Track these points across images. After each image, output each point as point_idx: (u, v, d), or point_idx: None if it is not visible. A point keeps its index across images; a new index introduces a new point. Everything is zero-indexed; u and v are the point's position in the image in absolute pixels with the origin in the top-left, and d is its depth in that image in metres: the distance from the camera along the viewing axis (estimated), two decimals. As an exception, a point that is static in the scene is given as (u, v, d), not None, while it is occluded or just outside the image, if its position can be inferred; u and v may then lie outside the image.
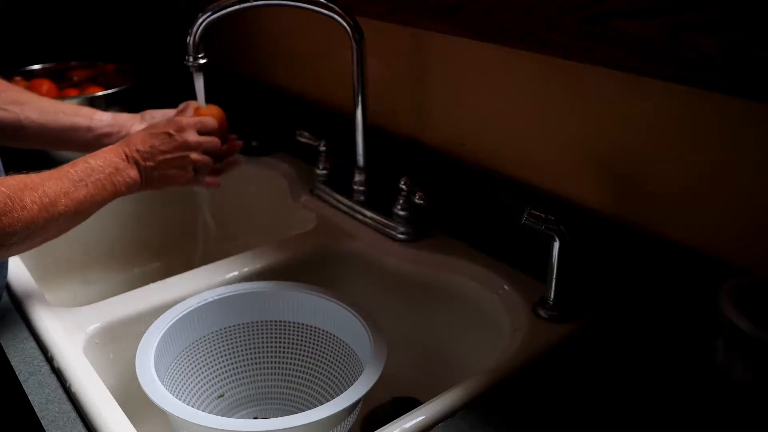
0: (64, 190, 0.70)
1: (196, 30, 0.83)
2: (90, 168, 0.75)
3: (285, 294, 0.79)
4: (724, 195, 0.66)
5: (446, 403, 0.62)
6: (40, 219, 0.67)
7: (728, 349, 0.57)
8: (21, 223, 0.65)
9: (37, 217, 0.66)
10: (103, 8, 1.54)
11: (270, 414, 0.81)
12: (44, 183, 0.69)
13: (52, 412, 0.61)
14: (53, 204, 0.68)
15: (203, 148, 0.88)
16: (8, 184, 0.65)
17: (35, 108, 0.90)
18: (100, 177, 0.75)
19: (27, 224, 0.65)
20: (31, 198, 0.66)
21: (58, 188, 0.69)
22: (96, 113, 0.93)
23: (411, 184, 0.87)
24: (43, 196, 0.67)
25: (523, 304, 0.76)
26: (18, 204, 0.64)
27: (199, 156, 0.87)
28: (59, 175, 0.71)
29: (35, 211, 0.66)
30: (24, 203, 0.65)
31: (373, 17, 0.95)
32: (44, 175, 0.70)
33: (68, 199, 0.70)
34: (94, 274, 1.10)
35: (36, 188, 0.67)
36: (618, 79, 0.70)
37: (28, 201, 0.65)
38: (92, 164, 0.75)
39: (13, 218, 0.64)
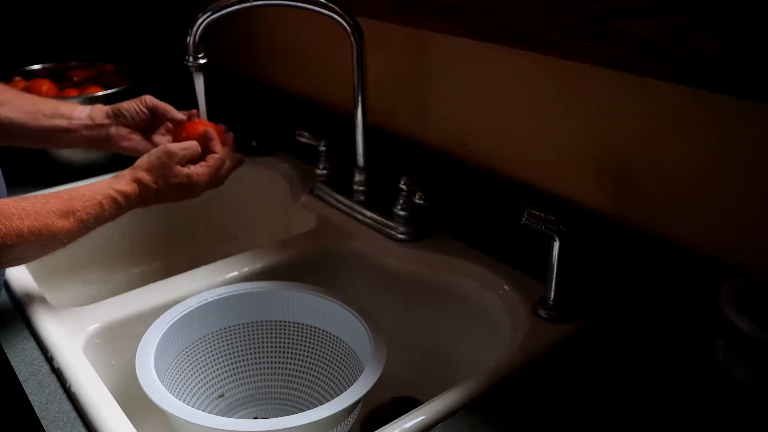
0: (67, 230, 0.69)
1: (196, 30, 0.83)
2: (100, 213, 0.73)
3: (285, 294, 0.79)
4: (724, 195, 0.66)
5: (446, 403, 0.62)
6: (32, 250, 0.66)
7: (728, 349, 0.57)
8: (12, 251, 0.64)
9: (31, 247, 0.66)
10: (103, 8, 1.53)
11: (270, 414, 0.81)
12: (48, 216, 0.67)
13: (52, 412, 0.61)
14: (52, 240, 0.68)
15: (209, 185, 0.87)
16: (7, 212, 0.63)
17: (14, 107, 0.88)
18: (103, 221, 0.75)
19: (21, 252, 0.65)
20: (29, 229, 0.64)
21: (61, 227, 0.68)
22: (74, 111, 0.91)
23: (411, 184, 0.87)
24: (43, 230, 0.66)
25: (523, 304, 0.76)
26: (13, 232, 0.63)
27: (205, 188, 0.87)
28: (67, 211, 0.69)
29: (31, 241, 0.65)
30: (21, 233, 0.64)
31: (373, 17, 0.95)
32: (51, 207, 0.68)
33: (69, 236, 0.70)
34: (94, 274, 1.10)
35: (38, 219, 0.66)
36: (618, 79, 0.70)
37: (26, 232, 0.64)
38: (105, 209, 0.74)
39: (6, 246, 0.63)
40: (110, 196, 0.75)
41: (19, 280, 0.81)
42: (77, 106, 0.92)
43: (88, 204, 0.71)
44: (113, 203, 0.75)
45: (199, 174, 0.84)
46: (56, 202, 0.69)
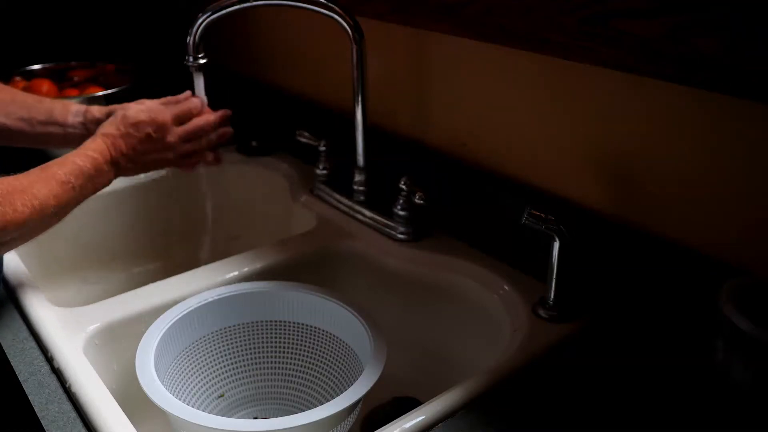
0: (53, 193, 0.71)
1: (196, 30, 0.83)
2: (78, 170, 0.76)
3: (285, 294, 0.79)
4: (725, 195, 0.66)
5: (446, 403, 0.62)
6: (31, 221, 0.69)
7: (728, 349, 0.57)
8: (13, 226, 0.67)
9: (29, 220, 0.68)
10: (103, 8, 1.53)
11: (270, 414, 0.81)
12: (33, 186, 0.70)
13: (52, 412, 0.61)
14: (43, 207, 0.70)
15: (185, 139, 0.89)
16: None
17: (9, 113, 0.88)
18: (85, 181, 0.76)
19: (18, 226, 0.67)
20: (21, 202, 0.67)
21: (47, 191, 0.71)
22: (68, 117, 0.90)
23: (411, 184, 0.87)
24: (33, 199, 0.69)
25: (523, 304, 0.76)
26: (9, 208, 0.66)
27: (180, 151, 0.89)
28: (47, 177, 0.72)
29: (26, 214, 0.68)
30: (15, 207, 0.67)
31: (373, 17, 0.95)
32: (33, 178, 0.71)
33: (56, 200, 0.72)
34: (94, 274, 1.10)
35: (26, 191, 0.68)
36: (618, 79, 0.70)
37: (19, 205, 0.67)
38: (80, 165, 0.76)
39: (6, 221, 0.66)
40: (82, 153, 0.78)
41: (19, 280, 0.81)
42: (71, 109, 0.90)
43: (63, 166, 0.74)
44: (87, 159, 0.77)
45: (162, 113, 0.86)
46: (34, 173, 0.72)
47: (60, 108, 0.90)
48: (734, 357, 0.56)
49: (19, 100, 0.90)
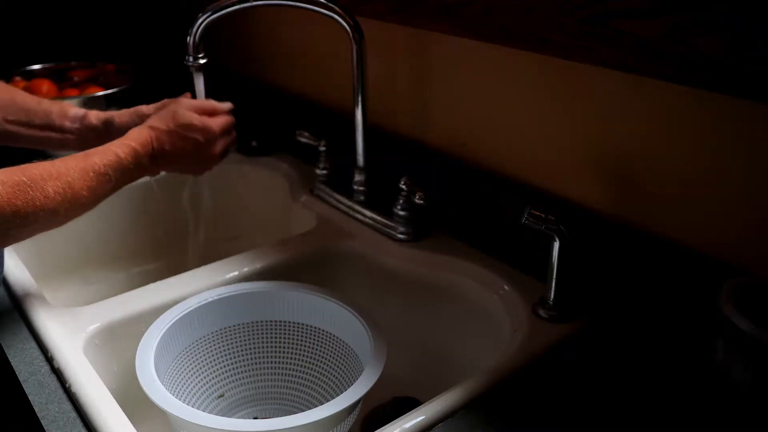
0: (88, 184, 0.70)
1: (196, 30, 0.83)
2: (118, 163, 0.74)
3: (285, 294, 0.79)
4: (725, 195, 0.66)
5: (446, 403, 0.62)
6: (62, 209, 0.67)
7: (728, 349, 0.57)
8: (42, 212, 0.65)
9: (59, 208, 0.67)
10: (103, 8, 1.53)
11: (270, 414, 0.81)
12: (69, 173, 0.68)
13: (52, 412, 0.61)
14: (76, 196, 0.69)
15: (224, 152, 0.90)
16: (30, 173, 0.65)
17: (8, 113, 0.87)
18: (123, 174, 0.75)
19: (48, 213, 0.66)
20: (54, 189, 0.66)
21: (82, 181, 0.69)
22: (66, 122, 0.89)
23: (411, 184, 0.87)
24: (66, 187, 0.67)
25: (523, 304, 0.76)
26: (40, 193, 0.65)
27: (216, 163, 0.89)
28: (86, 166, 0.71)
29: (57, 201, 0.66)
30: (46, 193, 0.65)
31: (373, 17, 0.95)
32: (70, 164, 0.69)
33: (91, 192, 0.70)
34: (94, 274, 1.10)
35: (60, 178, 0.67)
36: (618, 79, 0.70)
37: (51, 191, 0.66)
38: (121, 158, 0.74)
39: (35, 206, 0.64)
40: (126, 144, 0.76)
41: (19, 279, 0.81)
42: (69, 113, 0.89)
43: (104, 156, 0.73)
44: (130, 151, 0.75)
45: (211, 123, 0.85)
46: (74, 159, 0.70)
47: (58, 111, 0.89)
48: (734, 357, 0.56)
49: (19, 102, 0.89)
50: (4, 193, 0.62)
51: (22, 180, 0.64)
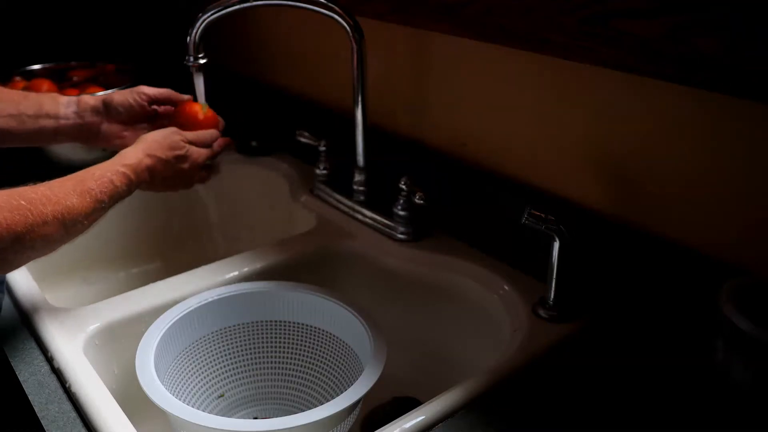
0: (86, 210, 0.68)
1: (196, 30, 0.83)
2: (113, 190, 0.73)
3: (285, 294, 0.79)
4: (724, 195, 0.66)
5: (446, 403, 0.62)
6: (58, 234, 0.66)
7: (728, 349, 0.57)
8: (40, 240, 0.63)
9: (56, 234, 0.65)
10: (103, 8, 1.53)
11: (270, 414, 0.81)
12: (68, 198, 0.67)
13: (52, 412, 0.61)
14: (75, 222, 0.67)
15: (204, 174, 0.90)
16: (29, 197, 0.63)
17: None
18: (116, 199, 0.74)
19: (46, 239, 0.64)
20: (53, 215, 0.64)
21: (80, 207, 0.68)
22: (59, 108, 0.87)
23: (411, 184, 0.87)
24: (65, 212, 0.66)
25: (523, 304, 0.76)
26: (39, 218, 0.63)
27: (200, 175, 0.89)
28: (82, 191, 0.69)
29: (55, 227, 0.65)
30: (45, 219, 0.63)
31: (373, 17, 0.95)
32: (68, 189, 0.67)
33: (87, 218, 0.69)
34: (94, 274, 1.10)
35: (59, 203, 0.65)
36: (618, 79, 0.70)
37: (50, 217, 0.64)
38: (116, 186, 0.73)
39: (35, 233, 0.62)
40: (120, 172, 0.74)
41: (19, 280, 0.81)
42: (60, 99, 0.87)
43: (100, 182, 0.71)
44: (124, 179, 0.75)
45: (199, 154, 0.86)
46: (71, 184, 0.69)
47: (49, 100, 0.87)
48: (734, 357, 0.56)
49: (5, 97, 0.86)
50: (2, 218, 0.60)
51: (21, 204, 0.62)
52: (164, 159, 0.81)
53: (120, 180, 0.74)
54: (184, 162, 0.84)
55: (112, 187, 0.73)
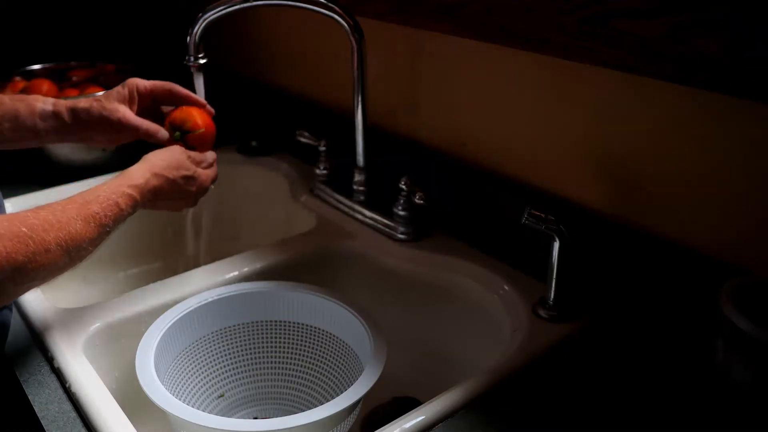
0: (90, 236, 0.64)
1: (196, 30, 0.83)
2: (119, 213, 0.69)
3: (285, 294, 0.79)
4: (724, 195, 0.66)
5: (446, 403, 0.62)
6: (62, 263, 0.62)
7: (728, 349, 0.57)
8: (43, 270, 0.60)
9: (60, 261, 0.61)
10: (103, 8, 1.53)
11: (270, 414, 0.81)
12: (71, 224, 0.63)
13: (52, 412, 0.61)
14: (79, 249, 0.63)
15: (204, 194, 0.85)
16: (30, 223, 0.59)
17: None
18: (121, 221, 0.70)
19: (48, 269, 0.61)
20: (56, 242, 0.60)
21: (84, 233, 0.64)
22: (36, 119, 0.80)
23: (411, 184, 0.87)
24: (69, 240, 0.62)
25: (523, 304, 0.76)
26: (41, 247, 0.59)
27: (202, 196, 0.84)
28: (87, 216, 0.65)
29: (59, 255, 0.61)
30: (48, 247, 0.59)
31: (373, 17, 0.95)
32: (71, 214, 0.63)
33: (91, 243, 0.65)
34: (94, 274, 1.10)
35: (62, 229, 0.61)
36: (618, 79, 0.70)
37: (53, 245, 0.60)
38: (122, 209, 0.69)
39: (36, 262, 0.58)
40: (127, 194, 0.70)
41: (19, 280, 0.80)
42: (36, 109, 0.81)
43: (105, 206, 0.67)
44: (130, 201, 0.71)
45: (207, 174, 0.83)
46: (74, 208, 0.64)
47: (24, 109, 0.81)
48: (734, 357, 0.56)
49: None
50: (2, 247, 0.56)
51: (23, 231, 0.58)
52: (172, 179, 0.77)
53: (126, 202, 0.70)
54: (192, 184, 0.80)
55: (118, 210, 0.69)
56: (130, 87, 0.84)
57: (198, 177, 0.81)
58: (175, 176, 0.78)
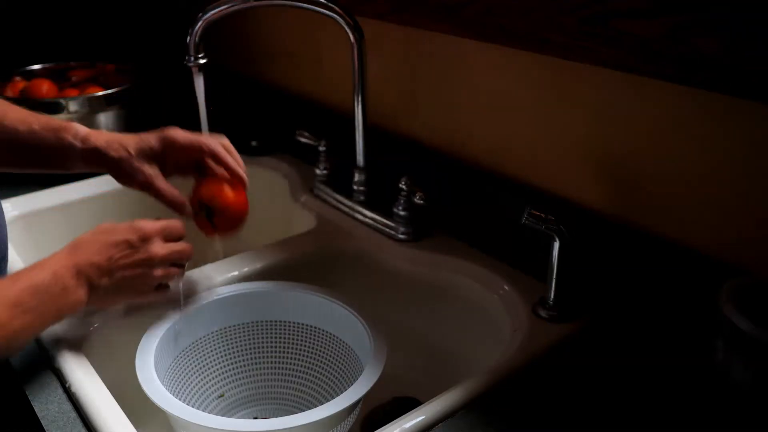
0: (16, 327, 0.57)
1: (196, 30, 0.83)
2: (34, 289, 0.59)
3: (285, 294, 0.79)
4: (724, 195, 0.66)
5: (446, 403, 0.62)
6: None
7: (728, 349, 0.57)
8: None
9: None
10: (103, 8, 1.53)
11: (270, 414, 0.81)
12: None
13: (52, 412, 0.61)
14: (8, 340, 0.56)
15: (171, 260, 0.70)
16: None
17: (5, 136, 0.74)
18: (44, 300, 0.60)
19: None
20: None
21: (10, 321, 0.56)
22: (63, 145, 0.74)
23: (411, 184, 0.87)
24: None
25: (523, 304, 0.76)
26: None
27: (164, 271, 0.69)
28: (16, 301, 0.57)
29: None
30: None
31: (373, 17, 0.95)
32: None
33: (3, 330, 0.56)
34: (94, 274, 1.09)
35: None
36: (618, 79, 0.70)
37: None
38: (38, 282, 0.59)
39: None
40: (41, 264, 0.62)
41: (19, 280, 0.80)
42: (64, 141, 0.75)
43: (16, 280, 0.59)
44: (46, 272, 0.61)
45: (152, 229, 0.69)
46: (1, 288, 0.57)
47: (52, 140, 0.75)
48: (734, 357, 0.56)
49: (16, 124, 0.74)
50: None
51: None
52: (92, 238, 0.66)
53: (40, 273, 0.61)
54: (128, 233, 0.67)
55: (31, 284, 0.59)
56: (166, 142, 0.75)
57: (149, 249, 0.67)
58: (96, 236, 0.66)
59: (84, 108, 1.13)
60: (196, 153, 0.76)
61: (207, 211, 0.72)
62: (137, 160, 0.75)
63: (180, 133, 0.76)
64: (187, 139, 0.76)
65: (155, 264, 0.68)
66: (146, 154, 0.75)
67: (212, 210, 0.73)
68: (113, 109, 1.16)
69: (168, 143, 0.76)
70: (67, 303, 0.62)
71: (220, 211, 0.73)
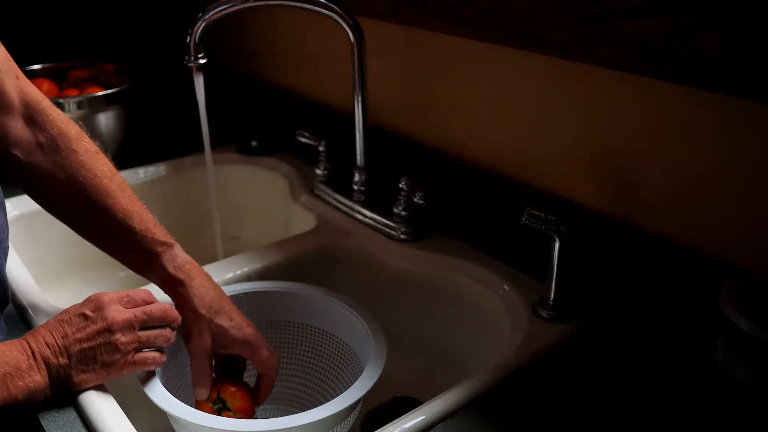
0: None
1: (196, 30, 0.83)
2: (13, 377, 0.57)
3: (285, 294, 0.79)
4: (725, 195, 0.66)
5: (446, 403, 0.62)
6: None
7: (728, 348, 0.57)
8: None
9: None
10: (103, 8, 1.53)
11: (270, 414, 0.81)
12: None
13: (52, 412, 0.61)
14: None
15: (134, 324, 0.63)
16: None
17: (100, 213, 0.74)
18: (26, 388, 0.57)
19: None
20: None
21: None
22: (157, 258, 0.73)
23: (411, 184, 0.87)
24: None
25: (523, 304, 0.76)
26: None
27: (130, 336, 0.62)
28: None
29: None
30: None
31: (373, 17, 0.95)
32: None
33: None
34: (94, 274, 1.09)
35: None
36: (618, 78, 0.70)
37: None
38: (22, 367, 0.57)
39: None
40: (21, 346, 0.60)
41: (19, 280, 0.81)
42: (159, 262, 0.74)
43: None
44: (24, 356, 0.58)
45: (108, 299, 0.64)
46: None
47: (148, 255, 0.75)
48: (734, 357, 0.56)
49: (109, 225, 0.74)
50: None
51: None
52: (47, 322, 0.63)
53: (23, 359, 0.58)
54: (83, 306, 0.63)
55: None
56: (224, 343, 0.70)
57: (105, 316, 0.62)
58: (57, 318, 0.63)
59: (84, 108, 1.13)
60: (247, 355, 0.72)
61: (222, 404, 0.70)
62: (207, 326, 0.70)
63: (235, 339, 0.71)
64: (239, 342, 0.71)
65: (116, 330, 0.62)
66: (216, 331, 0.70)
67: (228, 408, 0.70)
68: (113, 109, 1.16)
69: (239, 344, 0.70)
70: (21, 385, 0.58)
71: (233, 413, 0.70)
